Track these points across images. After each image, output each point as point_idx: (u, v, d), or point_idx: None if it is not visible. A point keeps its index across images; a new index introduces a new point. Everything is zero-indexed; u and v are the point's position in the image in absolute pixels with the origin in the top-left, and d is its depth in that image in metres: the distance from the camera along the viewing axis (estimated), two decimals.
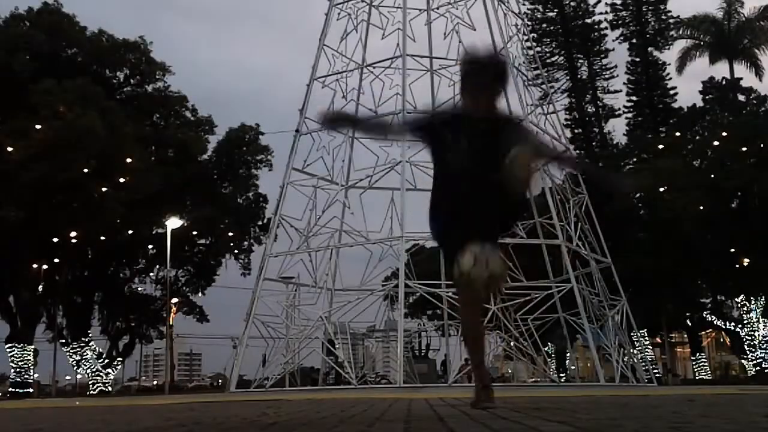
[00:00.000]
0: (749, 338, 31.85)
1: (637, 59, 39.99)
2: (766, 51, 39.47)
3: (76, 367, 33.84)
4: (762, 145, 29.31)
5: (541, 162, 3.39)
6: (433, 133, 3.66)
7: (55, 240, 28.86)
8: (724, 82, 37.54)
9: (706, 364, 37.83)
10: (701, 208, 28.74)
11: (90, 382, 33.71)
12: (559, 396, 6.54)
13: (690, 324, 36.45)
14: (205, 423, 3.28)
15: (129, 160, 28.00)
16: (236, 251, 36.03)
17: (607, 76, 40.43)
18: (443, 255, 3.82)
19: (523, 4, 33.71)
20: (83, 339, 33.02)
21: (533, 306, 19.38)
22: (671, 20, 40.46)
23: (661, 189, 29.30)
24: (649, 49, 40.04)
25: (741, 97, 36.85)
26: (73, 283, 33.65)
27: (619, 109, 39.97)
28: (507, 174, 3.24)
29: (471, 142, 3.50)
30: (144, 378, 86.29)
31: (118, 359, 35.83)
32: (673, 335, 45.57)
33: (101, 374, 33.38)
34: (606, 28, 40.54)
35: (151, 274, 36.81)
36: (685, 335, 41.93)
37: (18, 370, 30.06)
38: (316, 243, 20.18)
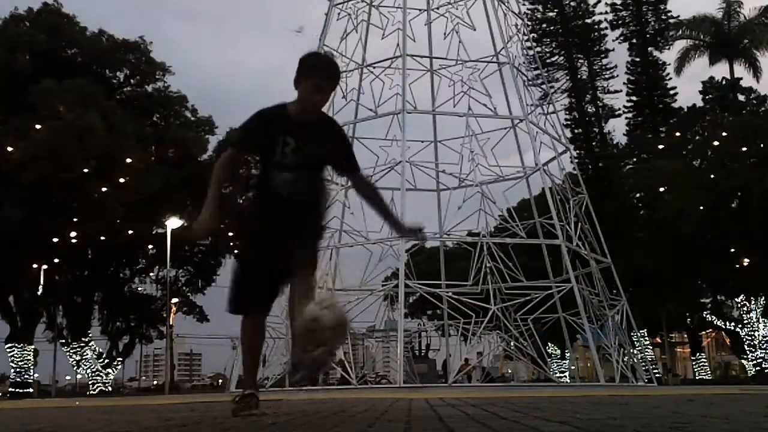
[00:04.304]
0: (749, 338, 31.85)
1: (637, 59, 40.00)
2: (765, 52, 39.45)
3: (76, 367, 33.84)
4: (762, 145, 29.30)
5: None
6: (262, 141, 3.44)
7: (55, 240, 28.85)
8: (723, 83, 37.54)
9: (706, 364, 37.84)
10: (701, 208, 28.74)
11: (90, 382, 33.70)
12: (559, 396, 6.54)
13: (690, 324, 36.45)
14: (206, 423, 3.28)
15: (129, 160, 27.99)
16: (236, 251, 35.99)
17: (607, 76, 40.46)
18: None
19: (523, 4, 33.70)
20: (83, 339, 33.01)
21: (533, 306, 19.38)
22: (671, 20, 40.50)
23: (661, 189, 29.29)
24: (649, 49, 40.06)
25: (741, 97, 36.86)
26: (73, 283, 33.63)
27: (619, 109, 40.02)
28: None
29: (302, 147, 3.40)
30: (144, 378, 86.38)
31: (118, 359, 35.85)
32: (673, 335, 45.59)
33: (101, 374, 33.37)
34: (606, 28, 40.58)
35: (151, 274, 36.84)
36: (685, 335, 41.95)
37: (18, 370, 30.05)
38: None
